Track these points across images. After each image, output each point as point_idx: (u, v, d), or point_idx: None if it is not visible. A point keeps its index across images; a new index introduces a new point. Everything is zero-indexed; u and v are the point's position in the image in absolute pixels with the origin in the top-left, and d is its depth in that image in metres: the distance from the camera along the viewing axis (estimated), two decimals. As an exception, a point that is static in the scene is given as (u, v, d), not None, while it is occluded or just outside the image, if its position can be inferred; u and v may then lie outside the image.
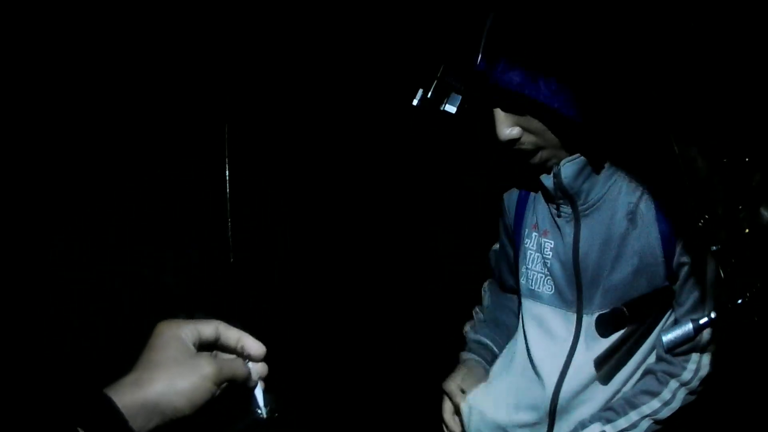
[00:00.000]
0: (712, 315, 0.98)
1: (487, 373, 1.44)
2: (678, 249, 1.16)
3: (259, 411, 0.76)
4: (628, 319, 1.17)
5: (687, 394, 1.21)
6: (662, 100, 1.04)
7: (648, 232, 1.17)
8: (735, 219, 0.98)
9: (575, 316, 1.27)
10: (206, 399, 0.67)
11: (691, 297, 1.18)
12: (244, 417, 0.76)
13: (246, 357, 0.75)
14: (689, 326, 1.01)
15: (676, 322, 1.21)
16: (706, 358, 1.20)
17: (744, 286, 0.93)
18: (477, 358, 1.47)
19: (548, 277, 1.31)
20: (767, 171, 0.97)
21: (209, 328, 0.72)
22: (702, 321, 1.00)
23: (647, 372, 1.26)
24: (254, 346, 0.75)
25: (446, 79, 1.12)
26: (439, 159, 2.41)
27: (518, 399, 1.36)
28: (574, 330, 1.28)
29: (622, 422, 1.23)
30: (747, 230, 0.96)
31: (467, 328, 1.56)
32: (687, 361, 1.21)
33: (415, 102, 1.15)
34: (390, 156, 2.47)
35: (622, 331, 1.23)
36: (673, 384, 1.21)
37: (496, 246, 1.55)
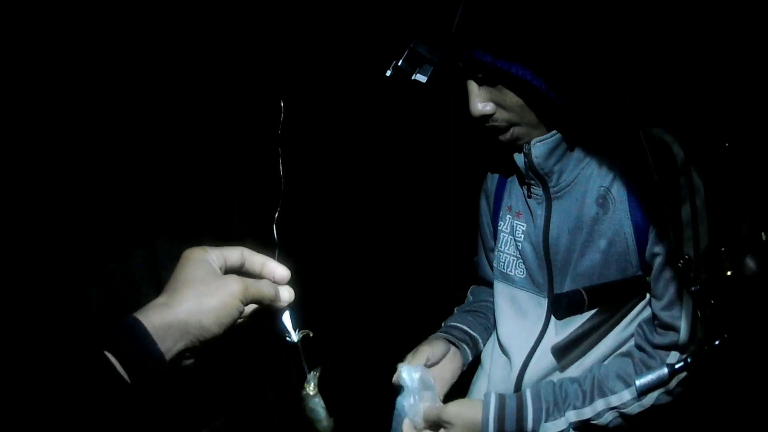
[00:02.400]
0: (688, 359, 0.94)
1: (449, 346, 1.34)
2: (651, 238, 1.11)
3: (289, 337, 0.77)
4: (587, 305, 1.10)
5: (663, 393, 1.11)
6: (636, 85, 1.02)
7: (620, 219, 1.13)
8: (717, 261, 0.95)
9: (546, 300, 1.23)
10: (234, 318, 0.67)
11: (668, 291, 1.11)
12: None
13: (272, 282, 0.76)
14: (664, 371, 0.96)
15: (655, 317, 1.14)
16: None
17: (722, 328, 0.89)
18: (442, 334, 1.37)
19: (520, 260, 1.27)
20: (755, 221, 0.96)
21: (234, 253, 0.73)
22: (677, 365, 0.95)
23: (625, 354, 1.19)
24: (279, 269, 0.76)
25: (418, 48, 1.08)
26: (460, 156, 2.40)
27: (490, 380, 1.30)
28: (544, 315, 1.23)
29: (588, 411, 1.13)
30: (729, 272, 0.93)
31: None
32: (667, 356, 1.13)
33: (388, 72, 1.12)
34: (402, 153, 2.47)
35: (589, 317, 1.17)
36: None
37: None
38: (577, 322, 1.20)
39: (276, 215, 0.86)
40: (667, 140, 1.09)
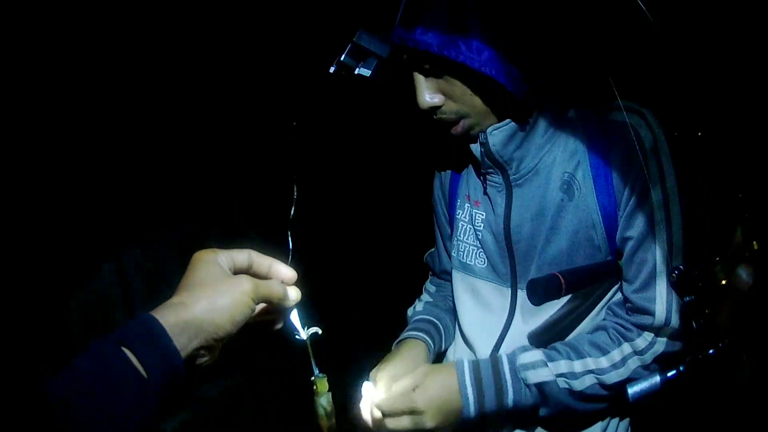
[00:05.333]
0: (681, 368, 0.93)
1: (425, 344, 1.30)
2: (621, 223, 1.09)
3: (298, 335, 0.79)
4: (564, 289, 1.07)
5: (640, 366, 1.10)
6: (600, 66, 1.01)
7: (586, 204, 1.10)
8: (711, 271, 0.96)
9: (509, 290, 1.20)
10: (246, 315, 0.70)
11: (640, 275, 1.09)
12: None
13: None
14: (656, 379, 0.96)
15: (626, 300, 1.13)
16: (664, 337, 1.10)
17: (716, 338, 0.89)
18: (413, 333, 1.32)
19: (480, 250, 1.24)
20: (748, 231, 0.97)
21: (242, 255, 0.75)
22: (670, 374, 0.94)
23: (599, 327, 1.16)
24: (286, 270, 0.78)
25: (360, 41, 1.06)
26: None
27: None
28: (509, 305, 1.20)
29: (563, 365, 1.10)
30: (723, 282, 0.94)
31: (408, 312, 1.44)
32: (642, 332, 1.12)
33: (331, 69, 1.09)
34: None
35: (561, 305, 1.15)
36: (626, 348, 1.11)
37: (433, 249, 1.48)
38: (546, 310, 1.17)
39: (290, 218, 0.87)
40: (634, 123, 1.07)
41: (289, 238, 0.86)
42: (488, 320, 1.23)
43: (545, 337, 1.18)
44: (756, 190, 0.95)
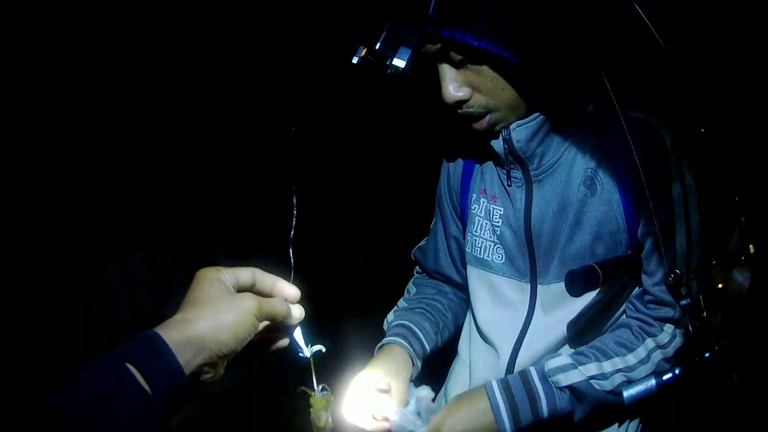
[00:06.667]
0: (677, 371, 0.94)
1: (402, 347, 1.29)
2: (643, 217, 1.10)
3: (301, 352, 0.81)
4: (602, 280, 1.06)
5: (662, 359, 1.12)
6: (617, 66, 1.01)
7: (609, 199, 1.12)
8: (708, 274, 0.96)
9: (529, 286, 1.21)
10: (250, 333, 0.70)
11: (661, 267, 1.12)
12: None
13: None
14: (652, 382, 0.97)
15: (646, 292, 1.14)
16: (683, 332, 1.14)
17: (713, 341, 0.90)
18: (389, 339, 1.31)
19: (498, 245, 1.24)
20: (745, 234, 0.97)
21: (246, 273, 0.76)
22: (666, 377, 0.95)
23: (622, 325, 1.18)
24: (289, 289, 0.79)
25: (396, 30, 1.01)
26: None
27: (472, 369, 1.28)
28: (528, 300, 1.21)
29: (593, 368, 1.11)
30: (719, 285, 0.94)
31: (384, 325, 1.42)
32: (663, 325, 1.14)
33: (354, 59, 1.04)
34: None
35: (582, 300, 1.16)
36: (650, 343, 1.13)
37: (422, 242, 1.47)
38: (566, 305, 1.18)
39: (291, 236, 0.89)
40: (653, 121, 1.09)
41: (291, 256, 0.87)
42: (507, 316, 1.23)
43: (569, 333, 1.19)
44: (753, 193, 0.95)
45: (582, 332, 1.20)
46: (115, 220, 2.00)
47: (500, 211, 1.23)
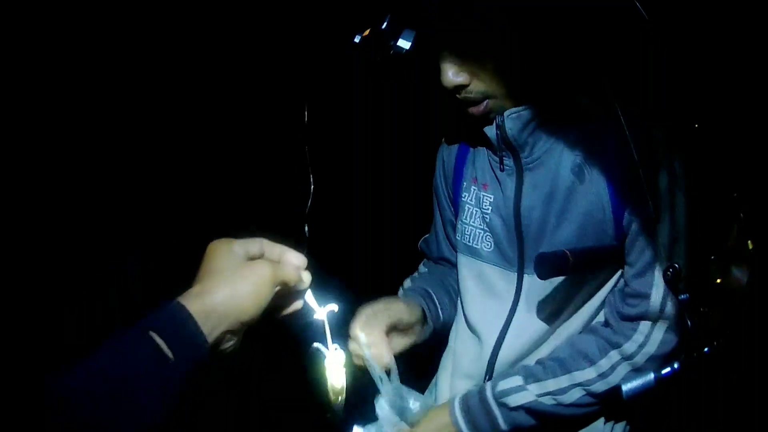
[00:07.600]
0: (676, 366, 0.94)
1: (418, 302, 1.29)
2: (628, 208, 1.10)
3: (315, 313, 0.82)
4: (571, 266, 1.07)
5: (630, 371, 1.10)
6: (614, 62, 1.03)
7: (597, 189, 1.11)
8: (706, 270, 0.96)
9: (515, 275, 1.20)
10: (268, 299, 0.72)
11: (641, 258, 1.11)
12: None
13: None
14: (650, 376, 0.97)
15: (626, 284, 1.14)
16: (659, 333, 1.11)
17: (711, 336, 0.90)
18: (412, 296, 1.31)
19: (487, 233, 1.23)
20: (743, 230, 0.97)
21: (255, 244, 0.77)
22: (664, 372, 0.96)
23: (590, 331, 1.18)
24: (296, 257, 0.79)
25: (402, 11, 1.03)
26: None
27: (456, 360, 1.27)
28: (514, 290, 1.20)
29: (551, 384, 1.12)
30: (718, 281, 0.95)
31: (399, 292, 1.41)
32: (633, 330, 1.12)
33: (357, 38, 1.06)
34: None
35: (565, 293, 1.16)
36: (614, 355, 1.12)
37: (428, 235, 1.47)
38: (550, 298, 1.18)
39: (306, 210, 0.92)
40: (646, 114, 1.09)
41: (306, 229, 0.88)
42: (493, 306, 1.23)
43: (551, 327, 1.19)
44: (751, 189, 0.96)
45: (563, 327, 1.20)
46: (113, 213, 2.00)
47: (490, 198, 1.23)
